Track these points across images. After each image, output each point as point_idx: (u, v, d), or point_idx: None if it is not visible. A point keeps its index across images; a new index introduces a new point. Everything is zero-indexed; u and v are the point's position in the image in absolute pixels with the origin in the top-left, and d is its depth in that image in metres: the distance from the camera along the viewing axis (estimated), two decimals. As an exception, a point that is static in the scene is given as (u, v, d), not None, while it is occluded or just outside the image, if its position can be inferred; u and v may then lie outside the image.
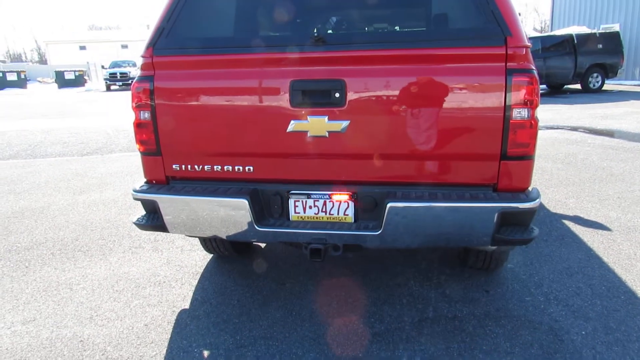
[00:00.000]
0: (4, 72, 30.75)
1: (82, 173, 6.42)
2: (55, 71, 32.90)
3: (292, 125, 2.29)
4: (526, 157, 2.20)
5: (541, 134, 8.53)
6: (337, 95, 2.22)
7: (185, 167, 2.49)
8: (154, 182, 2.57)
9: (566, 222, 4.12)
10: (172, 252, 3.65)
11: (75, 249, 3.76)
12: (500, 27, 2.11)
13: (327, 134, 2.27)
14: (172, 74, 2.41)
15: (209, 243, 3.30)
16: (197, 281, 3.18)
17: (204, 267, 3.39)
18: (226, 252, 3.36)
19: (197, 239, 3.50)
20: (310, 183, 2.40)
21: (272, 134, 2.33)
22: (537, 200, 2.19)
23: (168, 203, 2.42)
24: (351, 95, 2.23)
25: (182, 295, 2.99)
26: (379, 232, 2.24)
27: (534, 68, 2.15)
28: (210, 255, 3.55)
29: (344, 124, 2.25)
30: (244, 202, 2.32)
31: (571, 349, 2.33)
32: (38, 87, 34.54)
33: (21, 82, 30.82)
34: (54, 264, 3.50)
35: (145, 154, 2.53)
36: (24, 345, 2.48)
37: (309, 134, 2.29)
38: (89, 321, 2.70)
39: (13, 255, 3.67)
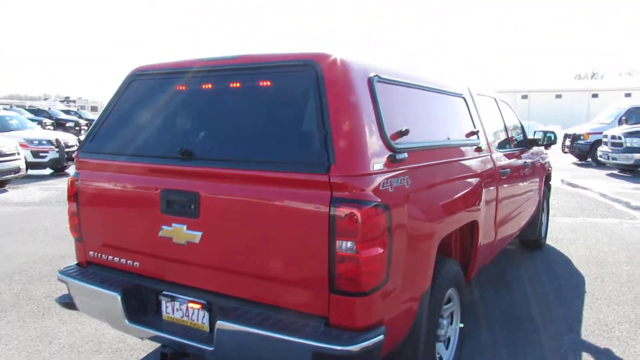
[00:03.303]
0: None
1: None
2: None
3: (162, 230, 2.44)
4: (357, 293, 1.99)
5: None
6: (192, 207, 2.33)
7: (97, 255, 2.80)
8: (81, 264, 2.91)
9: (586, 355, 3.38)
10: (156, 320, 3.95)
11: (89, 304, 4.31)
12: (327, 154, 2.00)
13: (185, 242, 2.37)
14: (87, 174, 2.79)
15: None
16: (145, 353, 3.40)
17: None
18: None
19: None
20: (178, 286, 2.49)
21: (149, 235, 2.51)
22: (361, 344, 1.94)
23: (71, 285, 2.74)
24: (203, 208, 2.31)
25: (119, 366, 3.24)
26: (213, 348, 2.22)
27: (368, 199, 1.97)
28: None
29: (198, 235, 2.33)
30: (114, 296, 2.51)
31: None
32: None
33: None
34: (63, 315, 4.07)
35: (74, 239, 2.91)
36: (-32, 390, 2.97)
37: (173, 240, 2.42)
38: (31, 377, 3.11)
39: (45, 302, 4.36)
